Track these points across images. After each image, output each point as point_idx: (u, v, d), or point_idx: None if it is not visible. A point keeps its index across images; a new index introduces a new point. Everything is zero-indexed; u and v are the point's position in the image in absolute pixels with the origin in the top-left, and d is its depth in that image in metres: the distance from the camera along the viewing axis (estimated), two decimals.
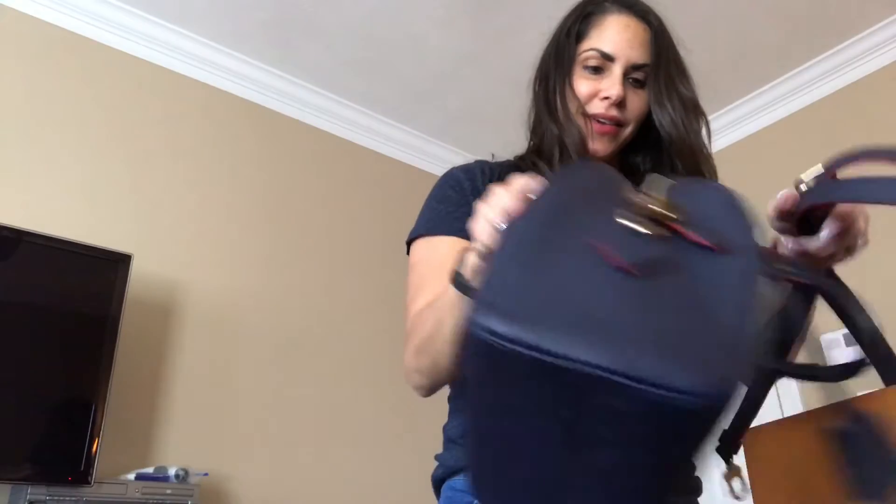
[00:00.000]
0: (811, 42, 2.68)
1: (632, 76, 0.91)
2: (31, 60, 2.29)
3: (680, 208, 0.51)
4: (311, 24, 2.57)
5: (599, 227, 0.50)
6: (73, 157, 2.27)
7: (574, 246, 0.48)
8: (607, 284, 0.45)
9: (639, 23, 0.92)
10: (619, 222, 0.50)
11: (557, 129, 0.93)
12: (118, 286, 1.99)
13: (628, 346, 0.40)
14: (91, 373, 1.89)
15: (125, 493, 1.83)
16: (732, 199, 0.53)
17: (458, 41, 2.66)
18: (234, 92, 2.74)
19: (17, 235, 1.88)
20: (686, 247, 0.48)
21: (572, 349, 0.40)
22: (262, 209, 2.66)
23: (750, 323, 0.43)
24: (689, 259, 0.47)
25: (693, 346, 0.40)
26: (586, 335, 0.41)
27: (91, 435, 1.84)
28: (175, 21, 2.54)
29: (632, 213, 0.50)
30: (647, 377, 0.38)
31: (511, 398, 0.44)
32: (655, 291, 0.44)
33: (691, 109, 0.92)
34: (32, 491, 1.71)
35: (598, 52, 0.91)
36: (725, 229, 0.49)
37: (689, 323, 0.42)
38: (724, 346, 0.41)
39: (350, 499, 2.50)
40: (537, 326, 0.41)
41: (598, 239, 0.48)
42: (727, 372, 0.39)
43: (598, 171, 0.62)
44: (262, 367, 2.46)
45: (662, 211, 0.50)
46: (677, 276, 0.46)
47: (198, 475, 2.05)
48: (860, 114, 2.67)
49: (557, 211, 0.53)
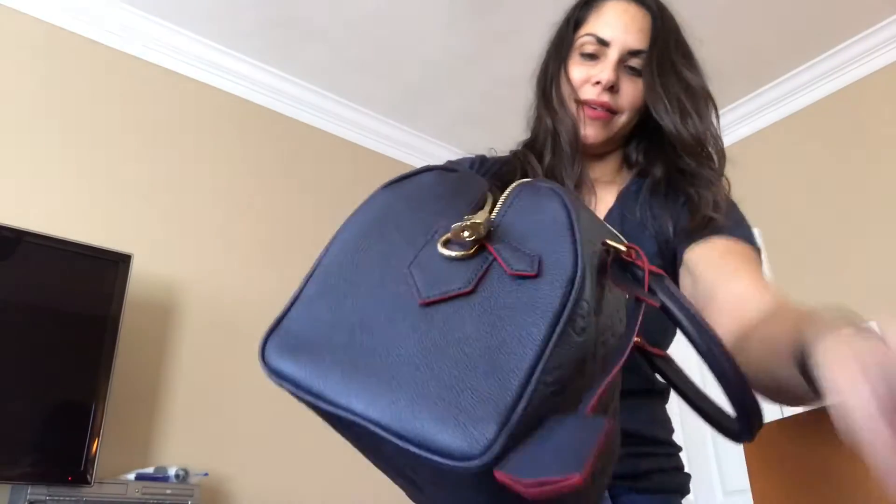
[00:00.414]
0: (811, 42, 2.68)
1: (628, 63, 0.89)
2: (31, 60, 2.29)
3: (497, 227, 0.48)
4: (312, 24, 2.57)
5: (415, 251, 0.47)
6: (74, 158, 2.27)
7: (381, 275, 0.45)
8: (404, 321, 0.42)
9: (638, 8, 0.90)
10: (440, 244, 0.46)
11: (551, 119, 0.92)
12: (118, 286, 1.99)
13: (400, 396, 0.38)
14: (91, 373, 1.89)
15: (125, 493, 1.83)
16: (562, 211, 0.48)
17: (458, 41, 2.66)
18: (234, 92, 2.74)
19: (17, 235, 1.88)
20: (498, 272, 0.44)
21: (344, 399, 0.39)
22: (262, 209, 2.66)
23: (534, 367, 0.38)
24: (499, 285, 0.43)
25: (463, 397, 0.37)
26: (361, 381, 0.39)
27: (91, 435, 1.84)
28: (175, 21, 2.54)
29: (454, 233, 0.46)
30: (410, 435, 0.36)
31: (338, 430, 0.43)
32: (451, 326, 0.41)
33: (698, 95, 0.89)
34: (32, 491, 1.71)
35: (593, 37, 0.89)
36: (545, 248, 0.45)
37: (466, 368, 0.38)
38: (494, 397, 0.37)
39: (350, 499, 2.50)
40: (314, 367, 0.40)
41: (410, 266, 0.45)
42: (490, 431, 0.35)
43: (448, 178, 0.57)
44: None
45: (475, 232, 0.46)
46: (483, 305, 0.42)
47: (198, 475, 2.05)
48: (860, 114, 2.67)
49: (378, 229, 0.50)
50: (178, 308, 2.33)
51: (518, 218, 0.49)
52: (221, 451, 2.27)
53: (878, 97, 2.63)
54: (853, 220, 2.58)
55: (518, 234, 0.47)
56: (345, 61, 2.75)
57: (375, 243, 0.48)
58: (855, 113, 2.69)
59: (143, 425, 2.15)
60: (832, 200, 2.66)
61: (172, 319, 2.31)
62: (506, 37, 2.59)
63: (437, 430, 0.36)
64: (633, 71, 0.89)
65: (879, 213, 2.52)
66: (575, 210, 0.47)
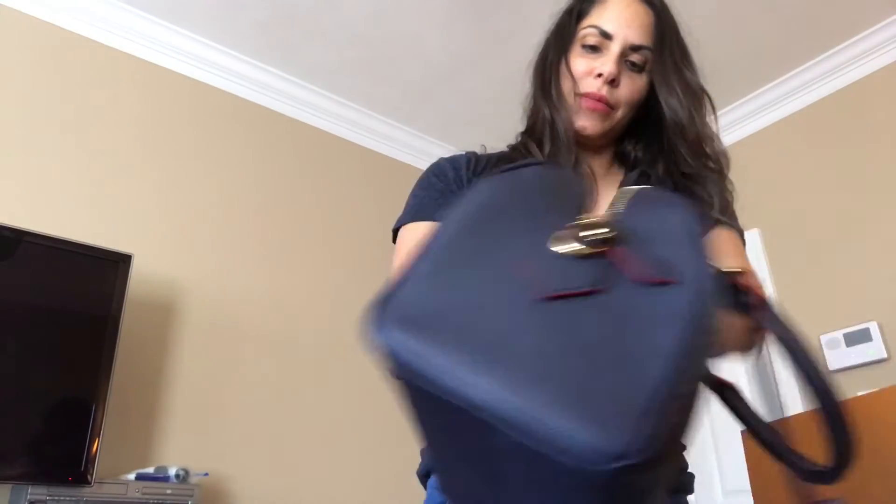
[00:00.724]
0: (811, 42, 2.68)
1: (629, 58, 0.89)
2: (31, 60, 2.29)
3: (621, 229, 0.46)
4: (311, 24, 2.57)
5: (528, 244, 0.45)
6: (74, 157, 2.27)
7: (495, 262, 0.43)
8: (523, 311, 0.40)
9: (641, 4, 0.91)
10: (553, 240, 0.45)
11: (549, 109, 0.92)
12: (118, 286, 1.99)
13: (534, 391, 0.35)
14: (91, 373, 1.89)
15: (125, 493, 1.83)
16: (693, 222, 0.47)
17: (458, 41, 2.66)
18: (234, 92, 2.74)
19: (18, 235, 1.88)
20: (624, 275, 0.43)
21: (463, 385, 0.36)
22: (262, 209, 2.66)
23: (677, 372, 0.37)
24: (624, 289, 0.42)
25: (599, 400, 0.35)
26: (487, 369, 0.36)
27: (91, 435, 1.84)
28: (175, 21, 2.54)
29: (570, 231, 0.45)
30: (540, 433, 0.34)
31: (425, 413, 0.41)
32: (576, 325, 0.40)
33: (698, 94, 0.91)
34: (33, 491, 1.71)
35: (596, 29, 0.89)
36: (676, 257, 0.44)
37: (600, 371, 0.37)
38: (633, 403, 0.35)
39: (350, 498, 2.50)
40: (436, 346, 0.37)
41: (524, 257, 0.44)
42: (634, 434, 0.34)
43: (550, 175, 0.56)
44: (262, 366, 2.46)
45: (599, 232, 0.45)
46: (607, 308, 0.41)
47: (198, 475, 2.05)
48: (860, 114, 2.67)
49: (488, 217, 0.48)
50: (179, 308, 2.33)
51: (640, 222, 0.47)
52: (222, 452, 2.27)
53: (878, 97, 2.63)
54: (853, 220, 2.58)
55: (643, 239, 0.45)
56: (345, 61, 2.75)
57: (486, 231, 0.46)
58: (855, 113, 2.69)
59: (143, 425, 2.15)
60: (832, 200, 2.66)
61: (173, 319, 2.31)
62: (506, 37, 2.59)
63: (573, 431, 0.34)
64: (632, 66, 0.89)
65: (879, 212, 2.52)
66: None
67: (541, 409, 0.35)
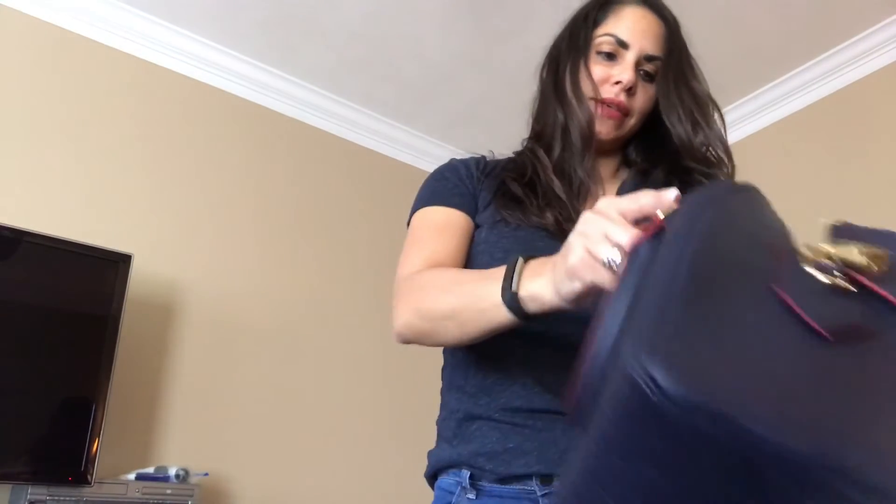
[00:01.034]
0: (811, 42, 2.68)
1: (643, 68, 0.91)
2: (31, 60, 2.29)
3: (881, 258, 0.41)
4: (311, 23, 2.57)
5: (778, 272, 0.40)
6: (74, 157, 2.27)
7: (750, 291, 0.38)
8: (798, 350, 0.35)
9: (655, 17, 0.94)
10: (804, 270, 0.39)
11: (563, 113, 0.92)
12: (118, 286, 1.99)
13: (831, 436, 0.31)
14: (91, 373, 1.90)
15: (125, 493, 1.83)
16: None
17: (458, 41, 2.66)
18: (233, 92, 2.74)
19: (18, 235, 1.88)
20: (885, 309, 0.38)
21: (768, 431, 0.30)
22: (262, 209, 2.66)
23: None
24: (890, 325, 0.37)
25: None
26: (784, 416, 0.31)
27: (91, 435, 1.84)
28: (175, 21, 2.54)
29: (817, 260, 0.40)
30: (861, 479, 0.30)
31: (656, 454, 0.34)
32: (855, 366, 0.35)
33: (706, 103, 0.92)
34: (33, 491, 1.71)
35: (613, 37, 0.91)
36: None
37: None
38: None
39: (350, 498, 2.50)
40: (718, 393, 0.31)
41: (781, 286, 0.38)
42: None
43: (750, 199, 0.49)
44: (262, 366, 2.46)
45: (862, 261, 0.39)
46: (880, 348, 0.36)
47: (198, 475, 2.05)
48: (860, 114, 2.67)
49: (713, 240, 0.40)
50: (179, 308, 2.33)
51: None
52: (222, 451, 2.27)
53: (878, 97, 2.63)
54: (853, 220, 2.58)
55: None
56: (344, 61, 2.75)
57: (721, 262, 0.40)
58: (855, 113, 2.69)
59: (143, 425, 2.15)
60: (832, 200, 2.66)
61: (173, 319, 2.31)
62: (506, 37, 2.59)
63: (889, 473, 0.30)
64: (646, 76, 0.92)
65: (879, 212, 2.52)
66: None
67: (856, 455, 0.31)
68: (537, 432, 0.79)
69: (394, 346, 2.88)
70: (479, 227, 0.92)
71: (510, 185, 0.92)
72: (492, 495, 0.79)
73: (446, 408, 0.89)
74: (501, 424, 0.81)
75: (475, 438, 0.82)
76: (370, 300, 2.79)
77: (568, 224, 0.85)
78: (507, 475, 0.79)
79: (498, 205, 0.90)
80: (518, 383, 0.82)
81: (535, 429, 0.79)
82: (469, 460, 0.81)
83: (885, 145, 2.57)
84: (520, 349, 0.82)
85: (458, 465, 0.83)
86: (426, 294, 0.80)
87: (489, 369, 0.84)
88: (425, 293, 0.80)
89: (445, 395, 0.91)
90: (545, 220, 0.87)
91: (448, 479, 0.84)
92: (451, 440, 0.85)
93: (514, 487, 0.79)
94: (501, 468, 0.79)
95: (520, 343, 0.81)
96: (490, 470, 0.79)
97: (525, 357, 0.82)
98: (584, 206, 0.90)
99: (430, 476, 0.89)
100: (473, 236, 0.92)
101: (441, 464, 0.85)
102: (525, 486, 0.78)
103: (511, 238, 0.87)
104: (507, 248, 0.86)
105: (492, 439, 0.81)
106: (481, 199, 0.94)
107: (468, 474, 0.81)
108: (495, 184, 0.94)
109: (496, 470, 0.79)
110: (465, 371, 0.87)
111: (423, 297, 0.80)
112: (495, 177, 0.95)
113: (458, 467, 0.83)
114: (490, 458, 0.80)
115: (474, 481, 0.81)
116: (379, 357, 2.72)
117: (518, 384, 0.82)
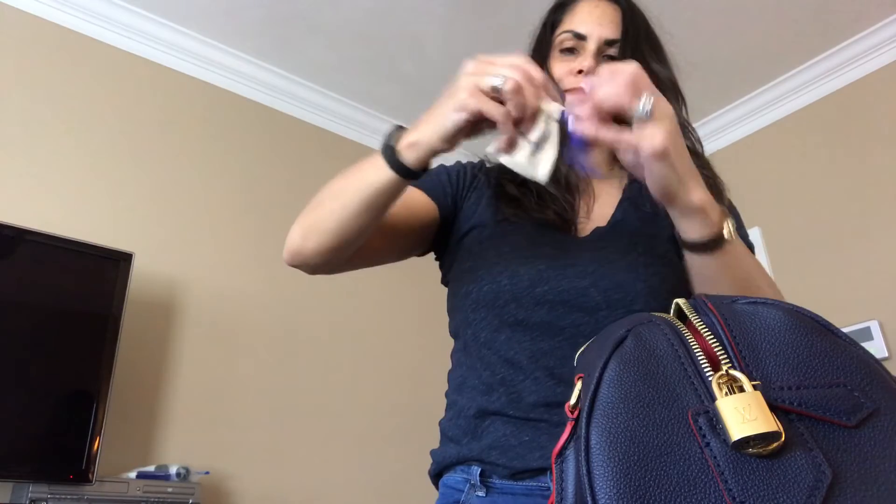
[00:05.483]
0: (811, 42, 2.68)
1: (606, 53, 0.93)
2: (31, 60, 2.29)
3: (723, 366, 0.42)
4: (311, 22, 2.57)
5: (686, 438, 0.40)
6: (74, 156, 2.28)
7: (670, 448, 0.40)
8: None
9: (608, 3, 0.96)
10: (711, 433, 0.40)
11: None
12: (119, 285, 2.00)
13: None
14: (92, 371, 1.90)
15: (126, 491, 1.83)
16: (811, 324, 0.42)
17: (458, 41, 2.66)
18: (234, 90, 2.74)
19: (18, 234, 1.88)
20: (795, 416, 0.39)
21: None
22: (262, 208, 2.67)
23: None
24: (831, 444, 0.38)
25: None
26: None
27: (92, 433, 1.84)
28: (175, 19, 2.54)
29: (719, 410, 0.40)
30: None
31: None
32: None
33: (666, 87, 0.92)
34: (34, 489, 1.71)
35: (570, 32, 0.94)
36: (834, 378, 0.39)
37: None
38: None
39: (350, 498, 2.50)
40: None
41: (696, 456, 0.40)
42: None
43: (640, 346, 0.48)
44: (263, 365, 2.46)
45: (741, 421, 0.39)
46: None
47: (199, 474, 2.05)
48: (860, 114, 2.67)
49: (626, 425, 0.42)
50: (180, 306, 2.33)
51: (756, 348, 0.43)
52: (223, 450, 2.27)
53: (878, 97, 2.64)
54: (853, 220, 2.59)
55: (779, 365, 0.41)
56: (345, 59, 2.75)
57: (645, 416, 0.41)
58: (855, 113, 2.69)
59: (144, 423, 2.15)
60: (832, 200, 2.67)
61: (174, 318, 2.31)
62: (506, 36, 2.59)
63: None
64: (611, 60, 0.92)
65: (879, 212, 2.53)
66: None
67: None
68: (552, 426, 0.78)
69: (395, 345, 2.89)
70: (474, 228, 0.94)
71: (506, 185, 0.95)
72: (503, 492, 0.78)
73: (454, 407, 0.88)
74: (516, 420, 0.79)
75: (488, 434, 0.81)
76: (370, 299, 2.79)
77: (567, 215, 0.90)
78: (521, 469, 0.77)
79: (499, 204, 0.93)
80: (530, 378, 0.81)
81: (551, 423, 0.78)
82: (481, 455, 0.80)
83: (885, 145, 2.58)
84: (528, 343, 0.82)
85: (467, 461, 0.81)
86: (313, 200, 0.91)
87: (500, 366, 0.83)
88: (313, 200, 0.91)
89: (453, 395, 0.90)
90: (546, 216, 0.89)
91: (455, 476, 0.83)
92: (459, 439, 0.84)
93: (526, 483, 0.77)
94: (516, 462, 0.77)
95: (528, 337, 0.81)
96: (503, 464, 0.78)
97: (534, 351, 0.82)
98: (577, 197, 0.93)
99: (434, 474, 0.88)
100: (452, 230, 0.96)
101: (448, 461, 0.84)
102: (538, 482, 0.76)
103: (518, 234, 0.89)
104: (514, 244, 0.88)
105: (506, 433, 0.79)
106: (469, 200, 0.97)
107: (479, 470, 0.79)
108: (493, 185, 0.97)
109: (510, 464, 0.77)
110: (477, 370, 0.86)
111: (311, 204, 0.91)
112: (493, 177, 0.98)
113: (468, 463, 0.81)
114: (504, 452, 0.78)
115: (485, 478, 0.79)
116: (380, 356, 2.73)
117: (530, 379, 0.81)
